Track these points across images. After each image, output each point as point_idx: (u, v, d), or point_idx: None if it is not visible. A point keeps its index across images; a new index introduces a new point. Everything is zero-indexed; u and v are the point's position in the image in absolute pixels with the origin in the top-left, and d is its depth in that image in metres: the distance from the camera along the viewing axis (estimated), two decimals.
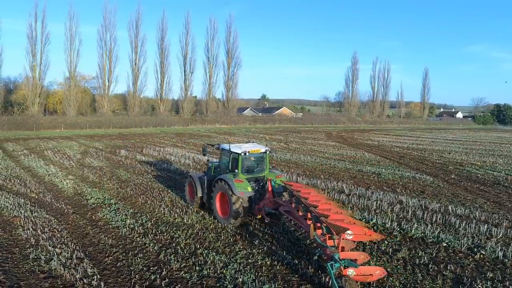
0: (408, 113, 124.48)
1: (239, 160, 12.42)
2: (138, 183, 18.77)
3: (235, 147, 12.81)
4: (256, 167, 13.13)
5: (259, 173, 13.03)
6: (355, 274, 7.66)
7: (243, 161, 12.52)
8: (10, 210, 13.49)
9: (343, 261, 7.83)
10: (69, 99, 62.18)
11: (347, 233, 8.29)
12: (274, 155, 30.59)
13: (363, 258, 8.32)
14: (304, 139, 47.06)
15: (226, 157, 13.25)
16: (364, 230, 9.01)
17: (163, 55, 71.18)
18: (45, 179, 19.32)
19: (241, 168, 12.49)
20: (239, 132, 58.43)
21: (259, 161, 13.15)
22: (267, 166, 13.23)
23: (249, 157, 12.73)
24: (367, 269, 7.96)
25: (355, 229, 8.75)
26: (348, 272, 7.65)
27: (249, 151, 12.51)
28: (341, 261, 7.82)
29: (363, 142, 44.70)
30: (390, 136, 57.29)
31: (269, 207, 11.58)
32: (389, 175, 22.40)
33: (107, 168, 22.71)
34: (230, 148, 12.84)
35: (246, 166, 12.78)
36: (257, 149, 12.82)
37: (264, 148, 13.11)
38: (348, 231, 8.31)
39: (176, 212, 13.68)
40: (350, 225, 8.77)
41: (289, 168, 23.93)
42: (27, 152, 29.22)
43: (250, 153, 12.54)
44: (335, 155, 31.35)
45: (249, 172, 12.84)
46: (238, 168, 12.44)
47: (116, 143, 37.81)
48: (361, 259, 8.20)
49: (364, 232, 8.95)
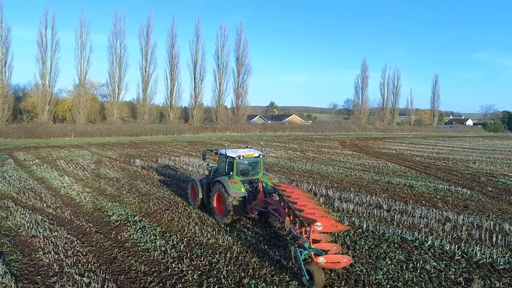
0: (419, 120, 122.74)
1: (234, 164, 13.44)
2: (160, 196, 17.62)
3: (231, 152, 13.93)
4: (251, 171, 14.04)
5: (254, 176, 13.91)
6: (325, 261, 8.62)
7: (238, 165, 13.52)
8: (27, 228, 12.39)
9: (312, 249, 8.91)
10: (79, 106, 61.46)
11: (316, 224, 9.29)
12: (294, 165, 29.43)
13: (336, 249, 9.25)
14: (319, 148, 45.82)
15: (223, 161, 14.28)
16: (332, 222, 9.81)
17: (173, 62, 70.54)
18: (60, 191, 18.23)
19: (236, 171, 13.48)
20: (251, 140, 57.30)
21: (254, 165, 14.07)
22: (261, 169, 14.17)
23: (243, 161, 13.70)
24: (335, 257, 8.89)
25: (324, 221, 9.64)
26: (319, 260, 8.55)
27: (244, 156, 13.60)
28: (310, 249, 8.89)
29: (381, 151, 43.36)
30: (405, 144, 55.85)
31: (259, 206, 12.53)
32: (421, 187, 21.09)
33: (124, 180, 21.59)
34: (226, 152, 13.97)
35: (241, 169, 13.72)
36: (251, 154, 13.89)
37: (258, 152, 14.17)
38: (317, 223, 9.34)
39: (208, 231, 12.48)
40: (320, 218, 9.62)
41: (314, 180, 22.69)
42: (39, 161, 28.23)
43: (244, 157, 13.62)
44: (357, 165, 30.06)
45: (244, 175, 13.77)
46: (233, 171, 13.44)
47: (129, 152, 36.78)
48: (333, 250, 9.15)
49: (332, 224, 9.77)
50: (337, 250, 9.35)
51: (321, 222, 9.49)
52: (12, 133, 50.77)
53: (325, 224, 9.60)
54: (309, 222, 9.11)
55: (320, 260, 8.59)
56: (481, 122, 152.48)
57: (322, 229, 9.54)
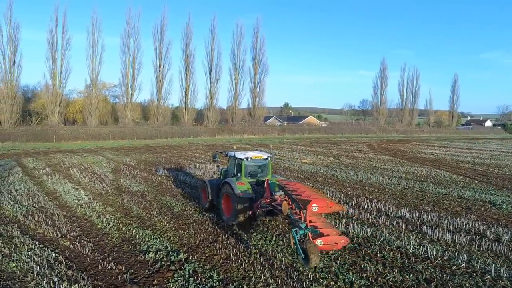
0: (438, 121, 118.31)
1: (242, 165, 13.60)
2: (199, 219, 14.20)
3: (240, 154, 14.18)
4: (260, 172, 14.08)
5: (262, 178, 13.79)
6: (323, 243, 9.17)
7: (246, 166, 13.66)
8: (36, 276, 9.03)
9: (308, 229, 9.47)
10: (91, 108, 58.37)
11: (312, 205, 9.32)
12: (335, 173, 25.93)
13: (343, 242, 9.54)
14: (350, 152, 42.18)
15: (232, 163, 14.45)
16: (327, 202, 9.71)
17: (188, 61, 67.25)
18: (77, 212, 14.93)
19: (244, 172, 13.61)
20: (272, 143, 53.82)
21: (263, 167, 14.12)
22: (270, 171, 14.21)
23: (251, 163, 13.78)
24: (332, 239, 9.34)
25: (319, 202, 9.54)
26: (317, 242, 9.05)
27: (252, 157, 13.70)
28: (306, 229, 9.46)
29: (417, 156, 39.60)
30: (436, 147, 52.03)
31: (265, 203, 12.36)
32: (504, 204, 17.47)
33: (150, 194, 18.26)
34: (235, 154, 14.15)
35: (249, 171, 13.84)
36: (260, 156, 13.94)
37: (266, 155, 14.20)
38: (313, 204, 9.33)
39: (289, 283, 8.96)
40: (316, 199, 9.56)
41: (372, 194, 19.16)
42: (49, 170, 25.05)
43: (252, 159, 13.71)
44: (406, 173, 26.46)
45: (253, 177, 13.84)
46: (242, 172, 13.59)
47: (147, 158, 33.51)
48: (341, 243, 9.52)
49: (327, 204, 9.65)
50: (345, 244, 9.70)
51: (317, 203, 9.49)
52: (20, 136, 47.89)
53: (321, 204, 9.59)
54: (304, 204, 9.44)
55: (318, 242, 9.06)
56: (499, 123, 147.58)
57: (318, 210, 9.60)
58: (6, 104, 51.71)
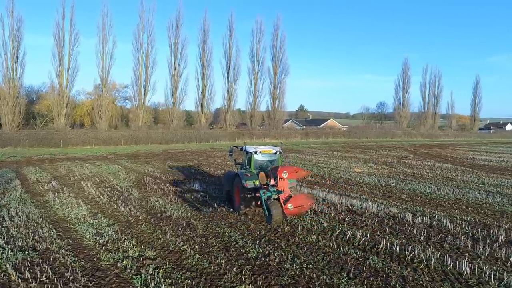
0: (461, 125, 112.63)
1: (251, 158, 14.49)
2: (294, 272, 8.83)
3: (250, 148, 14.96)
4: (271, 165, 14.35)
5: None
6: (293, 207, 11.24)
7: (255, 160, 14.49)
8: None
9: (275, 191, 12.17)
10: (100, 110, 53.01)
11: (283, 172, 11.97)
12: (409, 187, 20.55)
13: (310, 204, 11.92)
14: (395, 158, 36.64)
15: (244, 156, 15.36)
16: (294, 168, 12.52)
17: (204, 60, 61.96)
18: (102, 260, 9.61)
19: (253, 165, 14.40)
20: (299, 147, 48.48)
21: (273, 160, 14.76)
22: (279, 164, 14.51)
23: (260, 156, 14.57)
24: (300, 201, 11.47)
25: (288, 169, 12.24)
26: (288, 206, 11.24)
27: (261, 151, 14.59)
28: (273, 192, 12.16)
29: (476, 163, 33.96)
30: (482, 152, 46.48)
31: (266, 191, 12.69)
32: None
33: (199, 224, 12.89)
34: (246, 148, 15.09)
35: (258, 164, 14.55)
36: (269, 150, 14.80)
37: (275, 149, 14.88)
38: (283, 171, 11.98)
39: None
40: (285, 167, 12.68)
41: (476, 214, 13.72)
42: (56, 184, 19.83)
43: (261, 153, 14.58)
44: (495, 186, 21.01)
45: (263, 170, 14.01)
46: (251, 164, 14.42)
47: (172, 166, 28.21)
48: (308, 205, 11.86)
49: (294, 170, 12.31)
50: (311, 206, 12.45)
51: (286, 170, 12.05)
52: (23, 141, 42.79)
53: (289, 171, 11.98)
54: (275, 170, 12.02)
55: (288, 207, 11.21)
56: None
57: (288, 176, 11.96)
58: (7, 105, 46.56)
